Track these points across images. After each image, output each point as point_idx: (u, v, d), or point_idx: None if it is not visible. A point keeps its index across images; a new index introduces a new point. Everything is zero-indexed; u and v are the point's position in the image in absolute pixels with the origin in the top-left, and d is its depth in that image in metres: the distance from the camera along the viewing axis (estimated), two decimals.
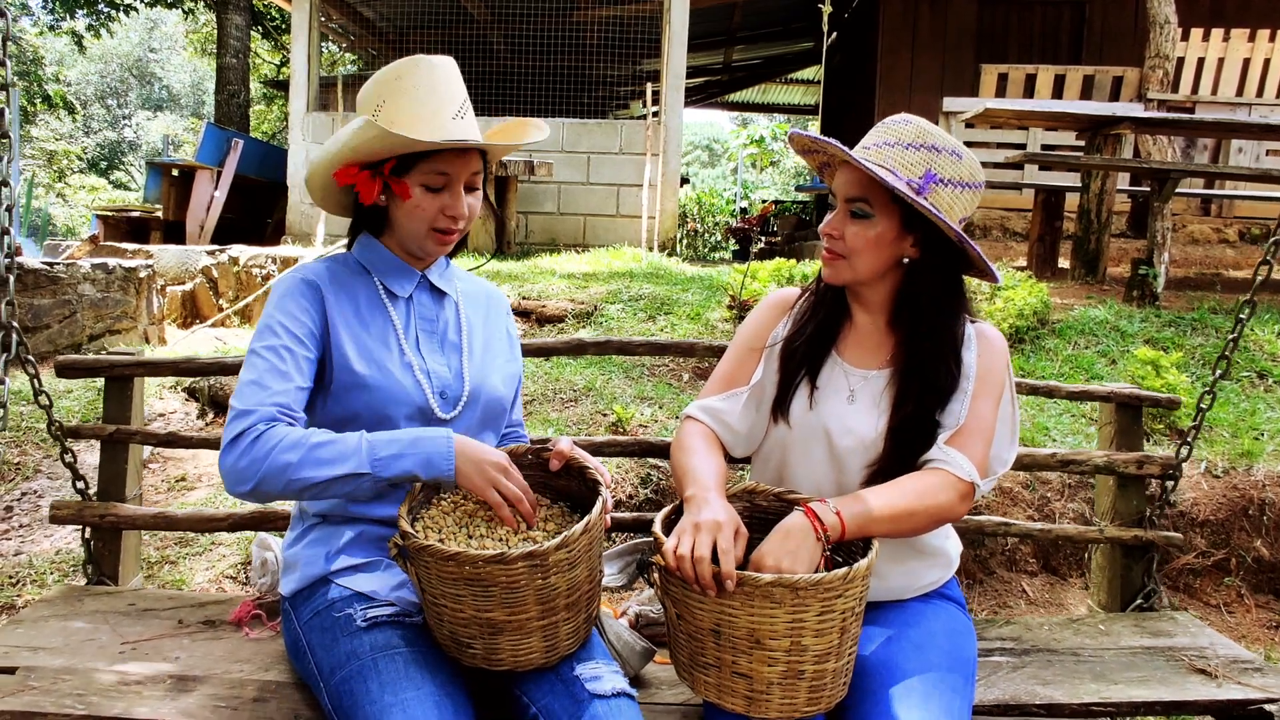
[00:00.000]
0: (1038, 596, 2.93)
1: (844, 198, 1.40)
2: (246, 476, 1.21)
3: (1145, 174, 5.12)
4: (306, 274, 1.40)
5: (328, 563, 1.36)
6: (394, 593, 1.33)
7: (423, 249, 1.43)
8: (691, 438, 1.44)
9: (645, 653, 1.52)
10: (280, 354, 1.30)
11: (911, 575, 1.47)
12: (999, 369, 1.43)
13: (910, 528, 1.32)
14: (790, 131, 1.46)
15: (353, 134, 1.32)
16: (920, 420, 1.38)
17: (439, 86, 1.36)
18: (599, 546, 1.30)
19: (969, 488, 1.35)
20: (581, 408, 3.63)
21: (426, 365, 1.42)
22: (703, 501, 1.26)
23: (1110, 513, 2.07)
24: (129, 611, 1.67)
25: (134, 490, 1.91)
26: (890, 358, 1.44)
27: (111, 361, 1.82)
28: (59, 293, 4.82)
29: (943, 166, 1.35)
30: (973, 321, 1.46)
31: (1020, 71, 7.52)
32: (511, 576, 1.17)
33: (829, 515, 1.25)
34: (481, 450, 1.26)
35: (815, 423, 1.42)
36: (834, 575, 1.16)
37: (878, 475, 1.38)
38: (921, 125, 1.37)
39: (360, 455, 1.23)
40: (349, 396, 1.36)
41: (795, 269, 5.11)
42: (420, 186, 1.36)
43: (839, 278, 1.43)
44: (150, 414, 4.05)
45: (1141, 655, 1.71)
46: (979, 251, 1.37)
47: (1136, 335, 4.33)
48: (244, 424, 1.23)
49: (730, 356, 1.54)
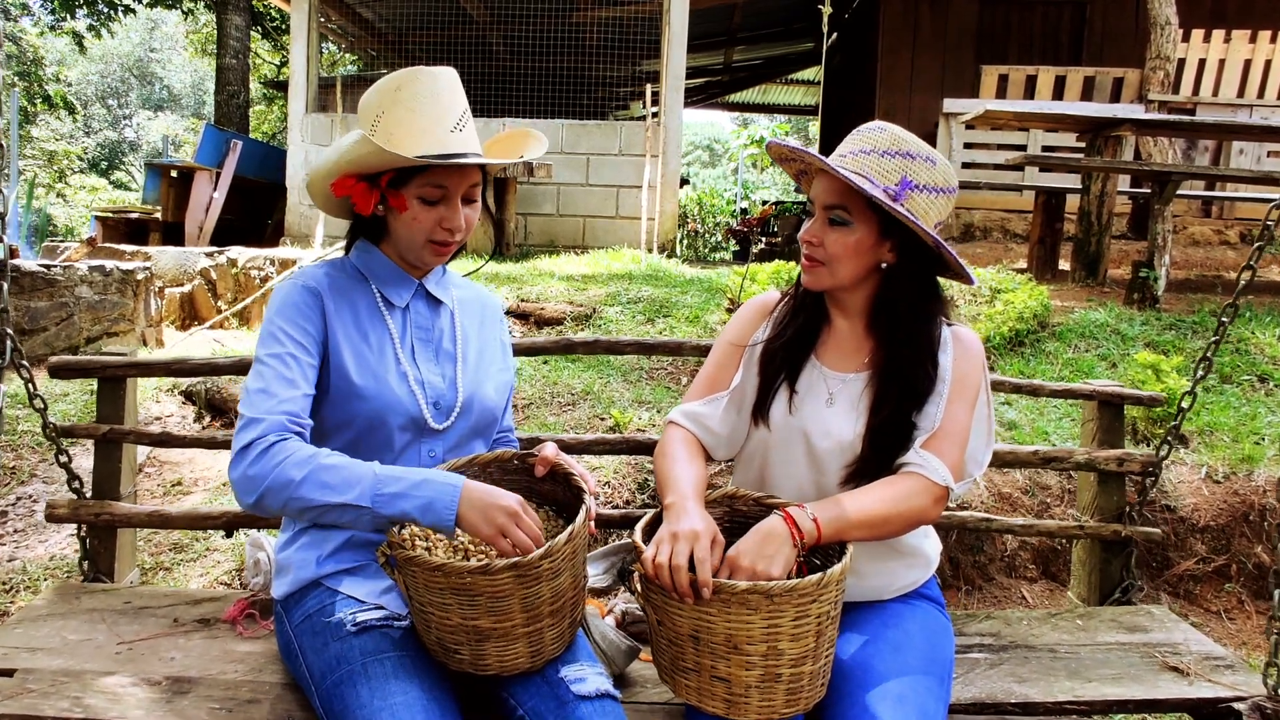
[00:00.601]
0: (1037, 602, 2.91)
1: (822, 205, 1.41)
2: (253, 486, 1.23)
3: (1146, 176, 5.10)
4: (308, 281, 1.41)
5: (319, 566, 1.38)
6: (383, 596, 1.35)
7: (419, 260, 1.44)
8: (673, 444, 1.47)
9: (630, 651, 1.55)
10: (286, 361, 1.31)
11: (890, 575, 1.49)
12: (974, 372, 1.45)
13: (886, 532, 1.36)
14: (768, 141, 1.48)
15: (349, 148, 1.34)
16: (897, 423, 1.40)
17: (439, 98, 1.37)
18: (583, 553, 1.31)
19: (943, 491, 1.37)
20: (579, 411, 3.62)
21: (421, 375, 1.44)
22: (681, 510, 1.29)
23: (1091, 508, 2.12)
24: (125, 610, 1.69)
25: (128, 488, 1.93)
26: (868, 361, 1.47)
27: (104, 362, 1.84)
28: (56, 295, 4.81)
29: (918, 173, 1.36)
30: (949, 325, 1.48)
31: (1021, 72, 7.51)
32: (496, 586, 1.19)
33: (806, 521, 1.27)
34: (490, 496, 1.24)
35: (795, 426, 1.45)
36: (808, 581, 1.18)
37: (855, 477, 1.41)
38: (896, 133, 1.39)
39: (364, 486, 1.23)
40: (344, 404, 1.37)
41: (794, 271, 5.10)
42: (417, 199, 1.37)
43: (819, 284, 1.45)
44: (147, 417, 4.04)
45: (1117, 651, 1.74)
46: (955, 255, 1.40)
47: (1137, 338, 4.32)
48: (254, 433, 1.25)
49: (713, 360, 1.57)
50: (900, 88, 9.39)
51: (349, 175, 1.37)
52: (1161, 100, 6.90)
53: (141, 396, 4.03)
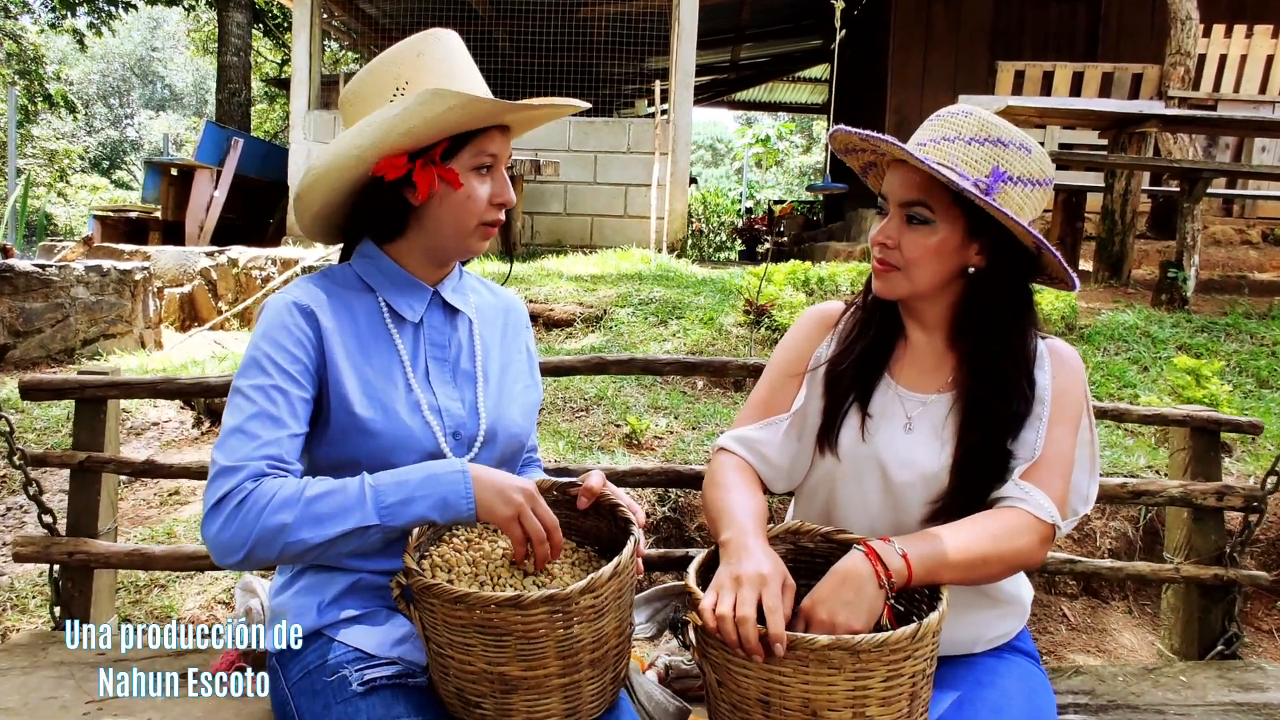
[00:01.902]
0: (1079, 621, 2.76)
1: (898, 202, 1.23)
2: (234, 546, 1.03)
3: (1175, 173, 4.95)
4: (299, 296, 1.19)
5: (320, 615, 1.19)
6: (395, 649, 1.17)
7: (464, 248, 1.24)
8: (725, 471, 1.29)
9: (679, 713, 1.36)
10: (271, 395, 1.11)
11: (982, 626, 1.31)
12: (1076, 391, 1.27)
13: (983, 575, 1.17)
14: (834, 129, 1.30)
15: (408, 112, 1.10)
16: (991, 451, 1.22)
17: (461, 62, 1.20)
18: (630, 595, 1.14)
19: (1050, 530, 1.19)
20: (593, 418, 3.48)
21: (438, 402, 1.24)
22: (741, 549, 1.11)
23: (1184, 548, 1.89)
24: (99, 663, 1.48)
25: (108, 524, 1.72)
26: (952, 380, 1.29)
27: (82, 382, 1.64)
28: (51, 296, 4.67)
29: (1011, 162, 1.19)
30: (1043, 337, 1.30)
31: (1038, 68, 7.35)
32: (529, 624, 1.02)
33: (894, 558, 1.09)
34: (503, 478, 1.10)
35: (868, 455, 1.27)
36: (902, 634, 1.01)
37: (941, 514, 1.23)
38: (984, 117, 1.22)
39: (365, 506, 1.06)
40: (348, 441, 1.18)
41: (811, 271, 4.95)
42: (471, 171, 1.18)
43: (894, 291, 1.27)
44: (144, 423, 3.90)
45: (1234, 714, 1.55)
46: (1058, 257, 1.22)
47: (1168, 341, 4.17)
48: (228, 484, 1.05)
49: (767, 380, 1.39)
50: (912, 84, 9.24)
51: (400, 152, 1.15)
52: (1182, 96, 6.74)
53: (137, 401, 3.89)
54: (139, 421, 3.83)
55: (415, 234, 1.24)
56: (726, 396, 3.81)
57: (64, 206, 19.93)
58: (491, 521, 1.10)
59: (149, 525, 2.99)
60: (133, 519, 3.09)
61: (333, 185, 1.19)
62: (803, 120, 26.06)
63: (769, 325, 4.25)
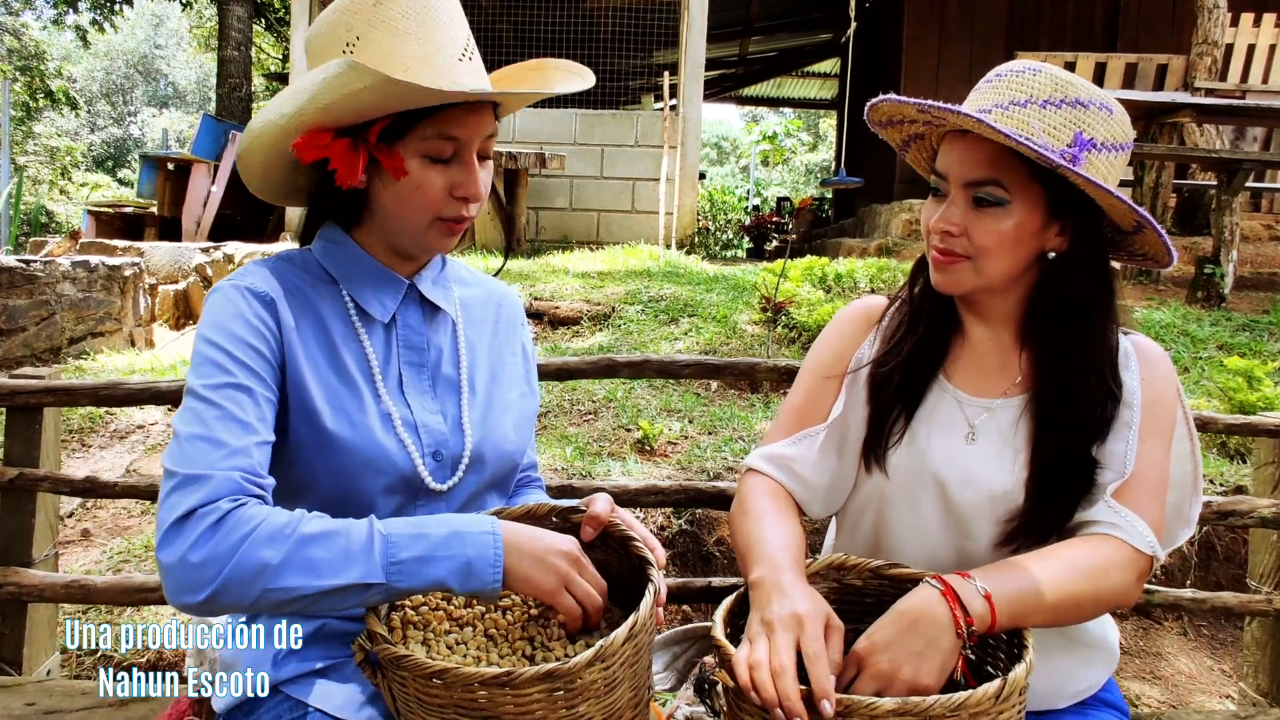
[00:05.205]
0: (1129, 644, 2.55)
1: (962, 182, 1.03)
2: (201, 579, 0.80)
3: (1213, 164, 4.74)
4: (254, 283, 0.98)
5: (276, 668, 0.98)
6: (365, 709, 0.96)
7: (421, 245, 1.03)
8: (755, 497, 1.10)
9: None
10: (233, 395, 0.90)
11: (1066, 676, 1.11)
12: (1169, 396, 1.08)
13: (1075, 616, 0.99)
14: (876, 100, 1.09)
15: (325, 84, 0.89)
16: (1074, 462, 1.03)
17: (434, 15, 0.96)
18: (647, 655, 0.92)
19: (1148, 563, 1.00)
20: (602, 422, 3.27)
21: (413, 417, 1.03)
22: (774, 588, 0.93)
23: (1274, 574, 1.68)
24: (28, 714, 1.27)
25: (45, 550, 1.49)
26: (1020, 381, 1.10)
27: (13, 388, 1.42)
28: (36, 293, 4.48)
29: (1094, 126, 1.00)
30: (1125, 332, 1.10)
31: (1059, 59, 7.11)
32: (523, 705, 0.82)
33: (975, 600, 0.90)
34: (540, 542, 0.90)
35: (924, 470, 1.09)
36: (984, 693, 0.82)
37: (1015, 538, 1.04)
38: (1058, 74, 1.01)
39: (371, 558, 0.85)
40: (305, 460, 0.97)
41: (828, 268, 4.76)
42: (420, 158, 0.96)
43: (960, 286, 1.07)
44: (128, 426, 3.70)
45: None
46: (1161, 232, 1.02)
47: (1208, 341, 3.95)
48: (194, 496, 0.83)
49: (802, 385, 1.19)
50: (926, 78, 9.03)
51: (321, 128, 0.94)
52: (1209, 87, 6.52)
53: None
54: (123, 425, 3.64)
55: (373, 221, 1.03)
56: (743, 398, 3.60)
57: (66, 204, 19.80)
58: (532, 595, 0.91)
59: (127, 537, 2.80)
60: (111, 529, 2.89)
61: (266, 152, 0.99)
62: (809, 118, 25.82)
63: (786, 323, 4.05)
